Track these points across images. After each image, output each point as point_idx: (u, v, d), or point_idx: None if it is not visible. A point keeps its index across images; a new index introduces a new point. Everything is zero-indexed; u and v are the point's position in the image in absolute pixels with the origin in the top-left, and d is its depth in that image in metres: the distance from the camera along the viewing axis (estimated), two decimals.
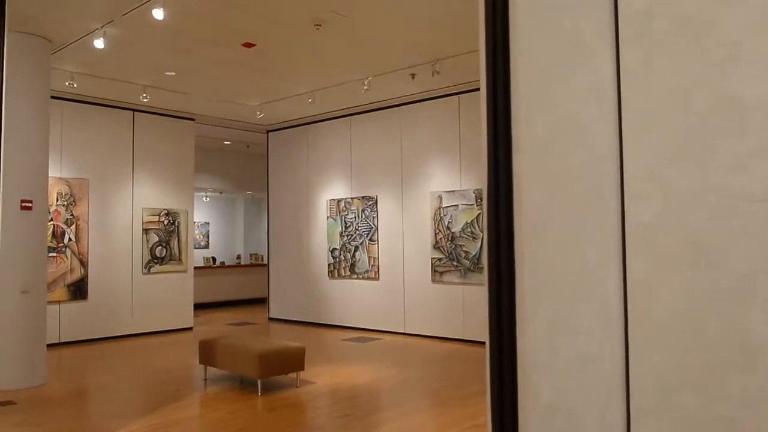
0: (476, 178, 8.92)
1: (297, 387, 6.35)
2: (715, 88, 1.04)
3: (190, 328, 10.65)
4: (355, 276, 10.53)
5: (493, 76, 1.25)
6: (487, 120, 1.27)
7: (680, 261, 1.07)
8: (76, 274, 9.29)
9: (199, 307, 11.74)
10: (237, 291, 14.88)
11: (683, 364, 1.06)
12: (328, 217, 11.03)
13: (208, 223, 17.50)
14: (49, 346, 7.29)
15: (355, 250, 10.54)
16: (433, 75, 7.96)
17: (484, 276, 1.28)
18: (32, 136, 6.67)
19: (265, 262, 13.74)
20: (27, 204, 6.54)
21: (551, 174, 1.20)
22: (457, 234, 9.05)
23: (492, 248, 1.23)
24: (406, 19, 6.42)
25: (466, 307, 8.96)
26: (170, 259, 10.52)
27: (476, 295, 8.82)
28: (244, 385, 6.43)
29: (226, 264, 16.12)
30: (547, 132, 1.21)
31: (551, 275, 1.20)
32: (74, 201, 9.31)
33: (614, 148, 1.16)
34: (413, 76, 8.27)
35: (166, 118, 10.56)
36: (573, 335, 1.18)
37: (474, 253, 8.83)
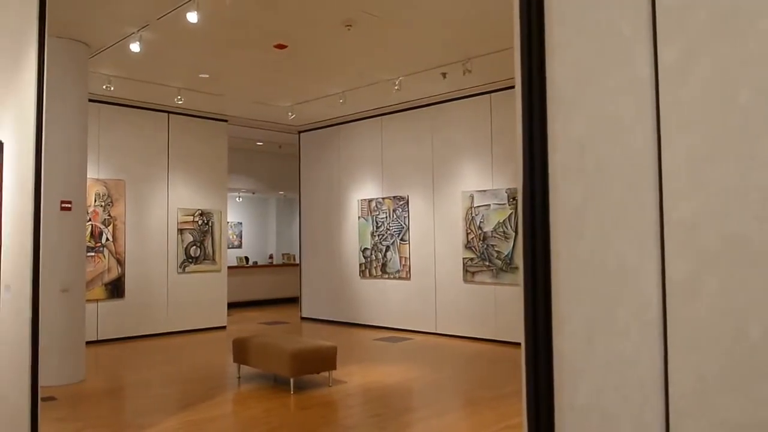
0: (508, 178, 8.84)
1: (329, 386, 6.38)
2: (758, 83, 1.02)
3: (224, 327, 10.79)
4: (387, 276, 10.54)
5: (529, 74, 1.24)
6: (522, 118, 1.26)
7: (722, 260, 1.04)
8: (114, 273, 9.49)
9: (232, 306, 11.89)
10: (269, 290, 15.03)
11: (725, 366, 1.03)
12: (359, 217, 11.06)
13: (241, 223, 17.71)
14: (88, 343, 7.46)
15: (386, 250, 10.55)
16: (464, 74, 7.92)
17: (520, 276, 1.26)
18: (71, 138, 6.84)
19: (297, 261, 13.85)
20: (66, 205, 6.71)
21: (588, 172, 1.19)
22: (489, 234, 8.99)
23: (527, 248, 1.22)
24: (437, 19, 6.41)
25: (498, 307, 8.89)
26: (204, 259, 10.68)
27: (508, 295, 8.75)
28: (277, 384, 6.49)
29: (258, 264, 16.29)
30: (584, 130, 1.20)
31: (588, 275, 1.18)
32: (111, 201, 9.52)
33: (652, 145, 1.14)
34: (444, 75, 8.24)
35: (200, 119, 10.72)
36: (610, 335, 1.16)
37: (506, 253, 8.76)
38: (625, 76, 1.17)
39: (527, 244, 1.23)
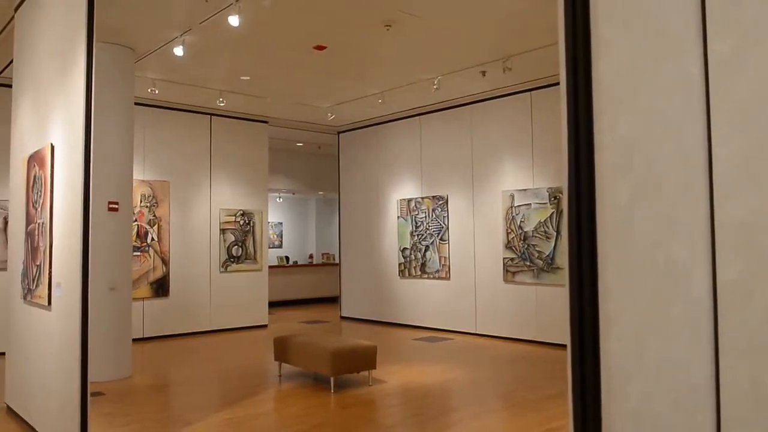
0: (550, 177, 8.72)
1: (369, 385, 6.40)
2: None
3: (265, 326, 10.93)
4: (426, 276, 10.52)
5: (574, 71, 1.22)
6: (568, 116, 1.24)
7: None
8: (159, 273, 9.71)
9: (272, 305, 12.03)
10: (309, 290, 15.16)
11: None
12: (398, 217, 11.07)
13: (281, 223, 17.90)
14: (134, 340, 7.64)
15: (425, 250, 10.53)
16: (504, 72, 7.85)
17: (565, 276, 1.24)
18: (118, 141, 7.02)
19: (337, 261, 13.93)
20: (114, 205, 6.90)
21: (636, 171, 1.16)
22: (530, 233, 8.88)
23: (574, 248, 1.20)
24: (476, 17, 6.36)
25: (540, 307, 8.78)
26: (246, 258, 10.84)
27: (549, 295, 8.63)
28: (318, 382, 6.54)
29: (298, 263, 16.45)
30: (631, 128, 1.17)
31: (636, 275, 1.15)
32: (156, 202, 9.74)
33: (703, 143, 1.10)
34: (484, 73, 8.18)
35: (242, 121, 10.88)
36: (660, 337, 1.13)
37: (547, 253, 8.64)
38: (674, 72, 1.14)
39: (573, 243, 1.21)
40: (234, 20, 5.98)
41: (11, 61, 6.35)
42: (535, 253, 8.79)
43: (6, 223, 8.16)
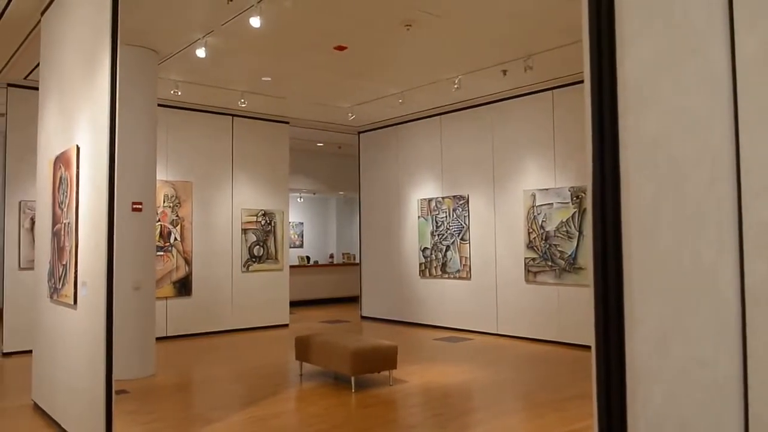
0: (572, 176, 8.65)
1: (390, 385, 6.40)
2: None
3: (286, 325, 10.99)
4: (447, 275, 10.49)
5: (598, 68, 1.20)
6: (592, 114, 1.22)
7: None
8: (182, 272, 9.81)
9: (293, 304, 12.09)
10: (330, 289, 15.20)
11: None
12: (419, 217, 11.05)
13: (302, 223, 17.99)
14: (157, 339, 7.73)
15: (446, 250, 10.50)
16: (525, 71, 7.79)
17: (589, 276, 1.23)
18: (142, 142, 7.11)
19: (357, 261, 13.95)
20: (137, 206, 6.99)
21: (661, 169, 1.14)
22: (552, 233, 8.81)
23: (598, 247, 1.19)
24: (497, 15, 6.33)
25: (562, 308, 8.70)
26: (267, 258, 10.91)
27: (571, 295, 8.55)
28: (338, 382, 6.56)
29: (319, 263, 16.51)
30: (657, 125, 1.15)
31: (662, 276, 1.14)
32: (179, 202, 9.84)
33: (730, 141, 1.08)
34: (505, 72, 8.13)
35: (263, 122, 10.96)
36: (685, 339, 1.11)
37: (569, 253, 8.57)
38: (700, 68, 1.12)
39: (598, 243, 1.20)
40: (255, 21, 6.02)
41: (38, 64, 6.46)
42: (557, 253, 8.72)
43: (33, 223, 8.31)
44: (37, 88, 6.21)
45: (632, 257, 1.17)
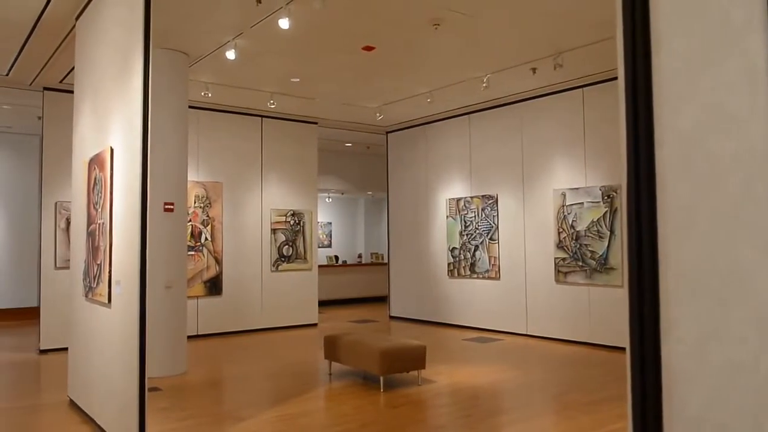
0: (603, 175, 8.52)
1: (418, 385, 6.39)
2: None
3: (315, 324, 11.05)
4: (476, 275, 10.43)
5: (633, 65, 1.18)
6: (626, 112, 1.20)
7: None
8: (212, 272, 9.93)
9: (322, 304, 12.14)
10: (358, 289, 15.24)
11: None
12: (447, 217, 11.01)
13: (330, 223, 18.06)
14: (188, 337, 7.84)
15: (475, 250, 10.44)
16: (555, 68, 7.70)
17: (622, 277, 1.21)
18: (173, 143, 7.22)
19: (386, 260, 13.96)
20: (169, 206, 7.09)
21: (698, 168, 1.11)
22: (582, 233, 8.70)
23: (633, 248, 1.16)
24: (526, 13, 6.26)
25: (593, 309, 8.59)
26: (296, 258, 10.98)
27: (602, 296, 8.43)
28: (367, 381, 6.57)
29: (348, 263, 16.56)
30: (693, 123, 1.12)
31: (699, 277, 1.11)
32: (210, 203, 9.97)
33: None
34: (534, 70, 8.05)
35: (292, 122, 11.03)
36: (724, 341, 1.08)
37: (601, 253, 8.44)
38: (738, 64, 1.09)
39: (633, 243, 1.17)
40: (284, 23, 6.06)
41: (73, 68, 6.60)
42: (588, 253, 8.61)
43: (68, 223, 8.50)
44: (72, 92, 6.34)
45: (668, 257, 1.15)
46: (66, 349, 6.03)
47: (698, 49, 1.13)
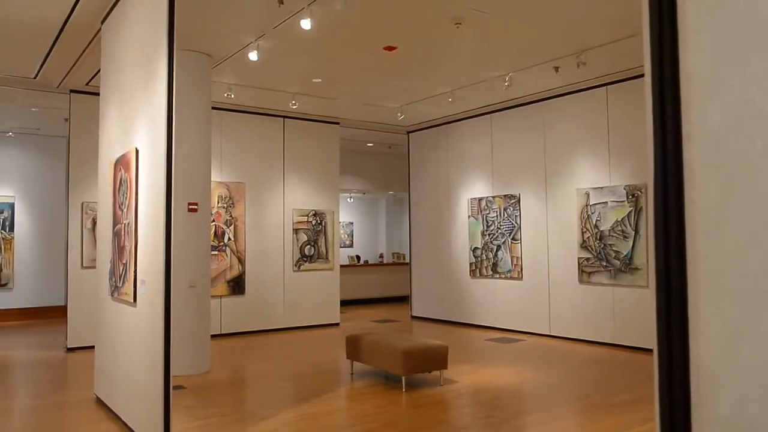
0: (627, 174, 8.42)
1: (440, 385, 6.37)
2: None
3: (337, 324, 11.08)
4: (498, 275, 10.37)
5: (660, 62, 1.16)
6: (653, 109, 1.18)
7: None
8: (235, 271, 10.01)
9: (344, 303, 12.16)
10: (380, 289, 15.25)
11: None
12: (469, 216, 10.97)
13: (352, 223, 18.10)
14: (212, 336, 7.90)
15: (497, 250, 10.39)
16: (578, 67, 7.63)
17: (647, 277, 1.19)
18: (197, 144, 7.29)
19: (407, 260, 13.95)
20: (193, 206, 7.16)
21: (728, 165, 1.09)
22: (606, 233, 8.60)
23: (660, 247, 1.14)
24: (548, 11, 6.21)
25: (617, 309, 8.48)
26: (318, 258, 11.02)
27: (627, 296, 8.32)
28: (389, 381, 6.57)
29: (369, 262, 16.58)
30: (723, 120, 1.10)
31: (730, 276, 1.08)
32: (233, 203, 10.05)
33: None
34: (557, 69, 7.98)
35: (314, 123, 11.07)
36: (755, 342, 1.06)
37: (625, 253, 8.34)
38: None
39: (660, 243, 1.15)
40: (306, 24, 6.08)
41: (98, 71, 6.70)
42: (612, 253, 8.51)
43: (94, 223, 8.63)
44: (98, 94, 6.44)
45: (696, 256, 1.13)
46: (93, 347, 6.13)
47: (727, 45, 1.11)
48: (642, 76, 1.24)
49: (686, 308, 1.13)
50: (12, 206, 12.02)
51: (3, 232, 11.92)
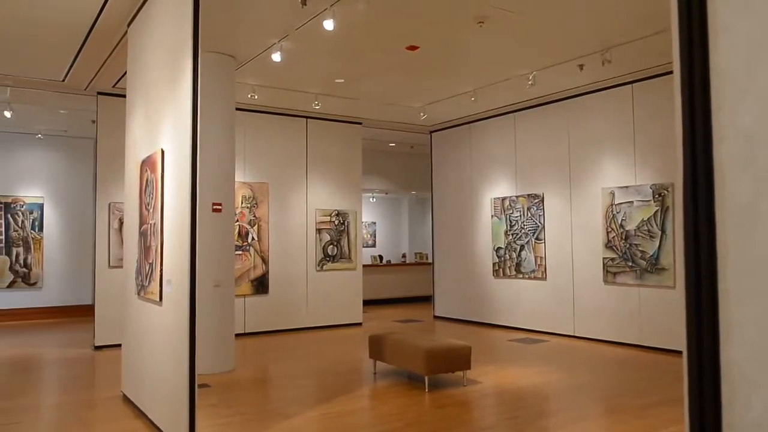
0: (653, 173, 8.30)
1: (464, 386, 6.34)
2: None
3: (359, 324, 11.09)
4: (521, 275, 10.30)
5: (689, 59, 1.14)
6: (682, 107, 1.16)
7: None
8: (259, 271, 10.09)
9: (366, 303, 12.18)
10: (403, 289, 15.24)
11: None
12: (492, 216, 10.91)
13: (374, 223, 18.11)
14: (236, 335, 7.97)
15: (520, 250, 10.32)
16: (603, 64, 7.54)
17: (676, 278, 1.17)
18: (221, 145, 7.35)
19: (430, 260, 13.91)
20: (217, 207, 7.23)
21: (761, 164, 1.07)
22: (632, 232, 8.49)
23: (690, 247, 1.12)
24: (572, 8, 6.15)
25: (643, 310, 8.37)
26: (341, 258, 11.05)
27: (653, 297, 8.20)
28: (412, 381, 6.56)
29: (392, 262, 16.58)
30: (755, 118, 1.08)
31: (761, 277, 1.06)
32: (256, 203, 10.13)
33: None
34: (581, 67, 7.89)
35: (336, 123, 11.11)
36: None
37: (651, 253, 8.22)
38: None
39: (689, 243, 1.13)
40: (329, 24, 6.10)
41: (125, 73, 6.80)
42: (638, 253, 8.39)
43: (121, 223, 8.76)
44: (124, 96, 6.53)
45: (727, 257, 1.10)
46: (120, 345, 6.22)
47: (759, 41, 1.09)
48: (669, 73, 1.22)
49: (717, 310, 1.11)
50: (41, 207, 12.26)
51: (32, 232, 12.16)
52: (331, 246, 10.97)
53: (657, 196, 8.20)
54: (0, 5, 5.90)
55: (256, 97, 9.06)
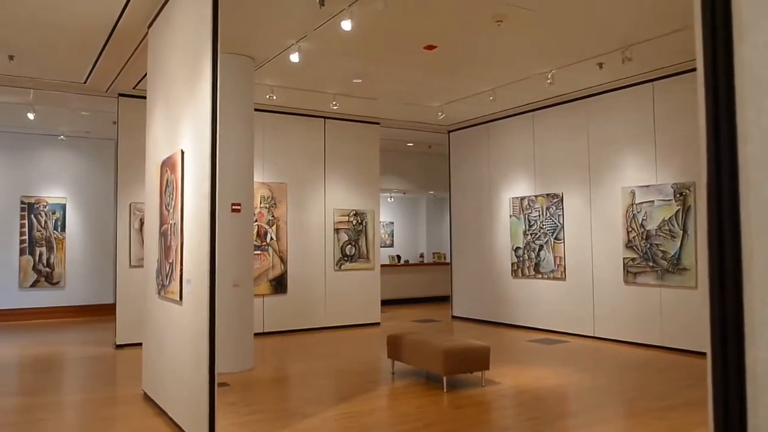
0: (675, 172, 8.20)
1: (482, 386, 6.32)
2: None
3: (378, 324, 11.10)
4: (540, 276, 10.24)
5: (713, 57, 1.12)
6: (706, 107, 1.14)
7: None
8: (277, 270, 10.14)
9: (384, 303, 12.18)
10: (421, 288, 15.22)
11: None
12: (510, 216, 10.85)
13: (392, 223, 18.11)
14: (255, 335, 8.01)
15: (539, 249, 10.25)
16: (623, 62, 7.46)
17: (698, 279, 1.15)
18: (240, 146, 7.40)
19: (448, 260, 13.88)
20: (236, 207, 7.28)
21: None
22: (653, 232, 8.39)
23: (714, 247, 1.11)
24: (592, 5, 6.09)
25: (664, 311, 8.27)
26: (359, 257, 11.07)
27: (675, 298, 8.10)
28: (430, 381, 6.55)
29: (410, 262, 16.56)
30: None
31: None
32: (275, 203, 10.18)
33: None
34: (601, 65, 7.82)
35: (354, 123, 11.13)
36: None
37: (673, 253, 8.12)
38: None
39: (714, 243, 1.12)
40: (347, 25, 6.11)
41: (145, 75, 6.87)
42: (659, 253, 8.30)
43: (142, 224, 8.85)
44: (145, 97, 6.60)
45: (752, 257, 1.09)
46: (140, 344, 6.28)
47: None
48: (690, 71, 1.21)
49: (742, 311, 1.09)
50: (64, 207, 12.43)
51: (55, 232, 12.34)
52: (349, 246, 10.99)
53: (678, 195, 8.10)
54: (23, 9, 5.99)
55: (274, 97, 9.10)
